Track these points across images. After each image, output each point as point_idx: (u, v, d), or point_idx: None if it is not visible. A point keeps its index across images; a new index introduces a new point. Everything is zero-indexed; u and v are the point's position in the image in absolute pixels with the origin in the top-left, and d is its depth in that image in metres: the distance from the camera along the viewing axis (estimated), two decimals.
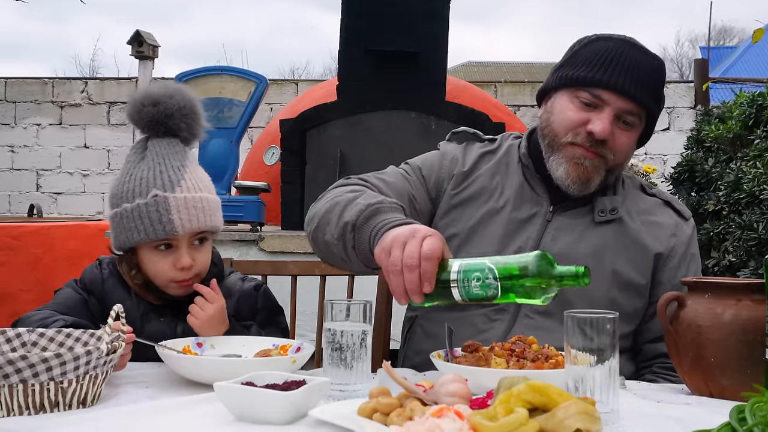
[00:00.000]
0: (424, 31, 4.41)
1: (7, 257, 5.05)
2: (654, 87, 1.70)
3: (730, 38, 27.14)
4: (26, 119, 8.54)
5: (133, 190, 1.65)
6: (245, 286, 1.81)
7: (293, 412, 1.13)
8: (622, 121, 1.69)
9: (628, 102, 1.67)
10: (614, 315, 1.17)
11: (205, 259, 1.72)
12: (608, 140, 1.67)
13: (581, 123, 1.68)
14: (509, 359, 1.37)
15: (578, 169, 1.69)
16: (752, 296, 1.34)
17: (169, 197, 1.63)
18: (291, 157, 4.48)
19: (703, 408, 1.29)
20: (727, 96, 6.52)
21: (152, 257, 1.67)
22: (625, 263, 1.72)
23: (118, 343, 1.30)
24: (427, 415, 1.00)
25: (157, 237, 1.64)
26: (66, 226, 5.23)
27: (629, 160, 1.80)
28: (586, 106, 1.68)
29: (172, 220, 1.63)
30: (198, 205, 1.66)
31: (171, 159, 1.68)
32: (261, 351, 1.53)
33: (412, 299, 1.36)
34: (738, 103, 3.73)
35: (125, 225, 1.65)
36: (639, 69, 1.67)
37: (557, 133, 1.71)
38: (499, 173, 1.81)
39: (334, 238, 1.59)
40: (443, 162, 1.84)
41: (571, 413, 0.99)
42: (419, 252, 1.34)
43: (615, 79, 1.65)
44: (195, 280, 1.70)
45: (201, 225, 1.67)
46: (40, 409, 1.19)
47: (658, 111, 1.75)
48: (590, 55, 1.70)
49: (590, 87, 1.67)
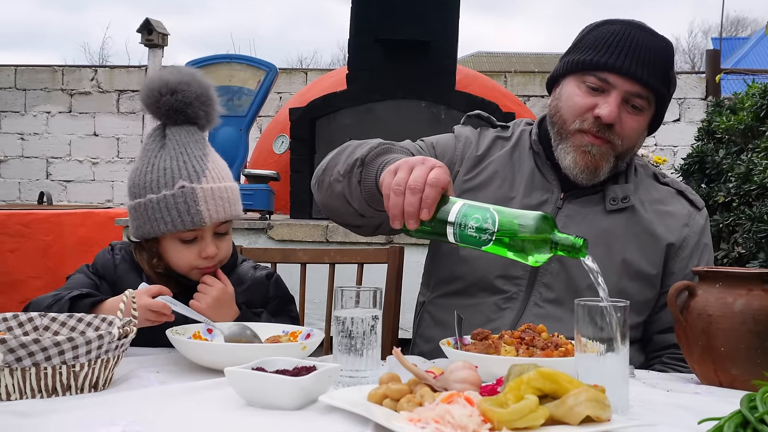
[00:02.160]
0: (434, 19, 4.39)
1: (18, 244, 5.10)
2: (662, 69, 1.67)
3: (742, 29, 26.97)
4: (36, 107, 8.56)
5: (158, 180, 1.65)
6: (257, 274, 1.82)
7: (303, 397, 1.14)
8: (631, 105, 1.67)
9: (635, 84, 1.65)
10: (625, 303, 1.17)
11: (227, 246, 1.74)
12: (615, 124, 1.66)
13: (588, 108, 1.67)
14: (519, 347, 1.37)
15: (586, 158, 1.68)
16: (763, 286, 1.34)
17: (196, 188, 1.64)
18: (300, 145, 4.48)
19: (713, 397, 1.29)
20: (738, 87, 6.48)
21: (176, 247, 1.68)
22: (635, 252, 1.72)
23: (129, 327, 1.31)
24: (438, 401, 1.01)
25: (185, 228, 1.64)
26: (76, 214, 5.27)
27: (640, 146, 1.78)
28: (593, 90, 1.67)
29: (200, 211, 1.64)
30: (224, 195, 1.68)
31: (192, 148, 1.68)
32: (271, 337, 1.53)
33: (406, 223, 1.34)
34: (750, 95, 3.71)
35: (150, 216, 1.65)
36: (646, 51, 1.65)
37: (566, 119, 1.70)
38: (512, 160, 1.81)
39: (341, 174, 1.59)
40: (457, 144, 1.84)
41: (581, 400, 1.00)
42: (425, 178, 1.33)
43: (621, 62, 1.63)
44: (217, 267, 1.71)
45: (227, 215, 1.68)
46: (53, 393, 1.20)
47: (668, 95, 1.72)
48: (596, 40, 1.68)
49: (596, 71, 1.66)
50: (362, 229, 1.79)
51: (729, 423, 0.90)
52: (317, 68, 13.19)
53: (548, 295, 1.69)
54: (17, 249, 5.13)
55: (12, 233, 5.12)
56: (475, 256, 1.72)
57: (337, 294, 1.32)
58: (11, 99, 8.57)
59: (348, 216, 1.70)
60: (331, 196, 1.66)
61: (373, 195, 1.53)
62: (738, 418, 0.90)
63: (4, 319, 1.42)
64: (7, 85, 8.57)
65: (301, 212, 4.49)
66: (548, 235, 1.25)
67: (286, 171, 4.62)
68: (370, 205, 1.57)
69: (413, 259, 2.92)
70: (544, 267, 1.69)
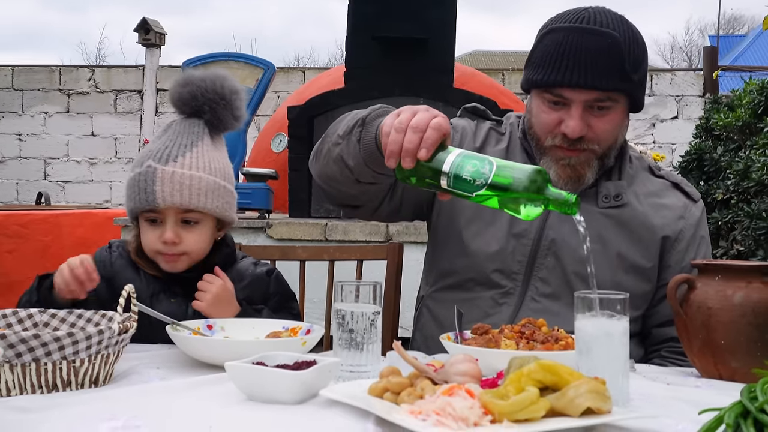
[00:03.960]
0: (432, 17, 4.40)
1: (16, 245, 5.10)
2: (615, 66, 1.62)
3: (739, 27, 26.99)
4: (33, 107, 8.55)
5: (141, 160, 1.70)
6: (257, 270, 1.82)
7: (304, 391, 1.14)
8: (597, 108, 1.65)
9: (592, 92, 1.63)
10: (624, 296, 1.17)
11: (195, 240, 1.71)
12: (585, 135, 1.65)
13: (555, 124, 1.67)
14: (519, 341, 1.37)
15: (566, 171, 1.69)
16: (763, 278, 1.34)
17: (157, 169, 1.65)
18: (298, 144, 4.48)
19: (713, 390, 1.29)
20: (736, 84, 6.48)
21: (144, 227, 1.72)
22: (630, 246, 1.72)
23: (129, 323, 1.31)
24: (438, 394, 1.01)
25: (141, 206, 1.68)
26: (74, 214, 5.27)
27: (623, 137, 1.76)
28: (555, 105, 1.67)
29: (155, 191, 1.65)
30: (186, 182, 1.66)
31: (183, 137, 1.70)
32: (271, 333, 1.54)
33: (402, 161, 1.34)
34: (747, 91, 3.71)
35: (127, 192, 1.72)
36: (592, 56, 1.61)
37: (539, 136, 1.72)
38: (507, 156, 1.80)
39: (339, 137, 1.60)
40: (454, 134, 1.83)
41: (581, 392, 1.00)
42: (428, 121, 1.33)
43: (569, 76, 1.61)
44: (184, 260, 1.71)
45: (184, 202, 1.66)
46: (53, 388, 1.20)
47: (634, 83, 1.67)
48: (544, 54, 1.66)
49: (550, 88, 1.65)
50: (360, 211, 1.79)
51: (729, 413, 0.90)
52: (315, 67, 13.18)
53: (544, 289, 1.69)
54: (15, 250, 5.13)
55: (10, 234, 5.12)
56: (473, 249, 1.72)
57: (337, 288, 1.32)
58: (8, 99, 8.56)
59: (344, 184, 1.67)
60: (328, 162, 1.65)
61: (372, 153, 1.52)
62: (738, 409, 0.90)
63: (4, 315, 1.42)
64: (5, 86, 8.56)
65: (299, 211, 4.49)
66: (542, 188, 1.25)
67: (284, 170, 4.62)
68: (368, 165, 1.56)
69: (412, 257, 2.92)
70: (540, 261, 1.69)
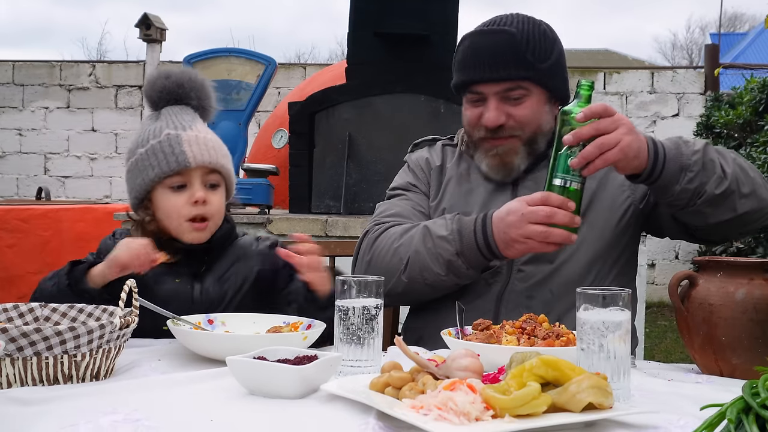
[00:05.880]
0: (434, 13, 4.39)
1: (16, 240, 5.09)
2: (513, 57, 1.74)
3: (740, 25, 26.94)
4: (34, 102, 8.55)
5: (147, 137, 1.72)
6: (260, 246, 1.82)
7: (305, 386, 1.14)
8: (512, 99, 1.76)
9: (499, 83, 1.75)
10: (626, 291, 1.17)
11: (218, 202, 1.75)
12: (505, 123, 1.76)
13: (477, 118, 1.80)
14: (520, 337, 1.37)
15: (495, 160, 1.80)
16: (764, 275, 1.34)
17: (181, 134, 1.70)
18: (299, 140, 4.48)
19: (714, 386, 1.29)
20: (736, 82, 6.48)
21: (167, 196, 1.71)
22: (602, 201, 1.78)
23: (130, 317, 1.31)
24: (440, 389, 1.01)
25: (170, 169, 1.68)
26: (74, 209, 5.26)
27: (549, 122, 1.81)
28: (476, 102, 1.80)
29: (184, 151, 1.69)
30: (209, 144, 1.73)
31: (181, 117, 1.75)
32: (272, 328, 1.53)
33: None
34: (748, 89, 3.71)
35: (140, 167, 1.71)
36: (490, 51, 1.75)
37: (469, 133, 1.85)
38: (463, 160, 1.89)
39: (442, 275, 1.68)
40: (417, 172, 1.93)
41: (583, 387, 1.00)
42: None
43: (479, 72, 1.76)
44: (210, 227, 1.72)
45: (213, 160, 1.72)
46: (54, 382, 1.20)
47: (541, 72, 1.76)
48: (458, 62, 1.82)
49: (467, 87, 1.80)
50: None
51: (731, 409, 0.90)
52: (316, 63, 13.18)
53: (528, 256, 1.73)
54: (15, 245, 5.12)
55: (10, 229, 5.11)
56: None
57: (339, 284, 1.32)
58: (9, 94, 8.55)
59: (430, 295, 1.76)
60: (435, 291, 1.72)
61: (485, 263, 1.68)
62: (740, 404, 0.90)
63: (5, 309, 1.42)
64: (5, 81, 8.56)
65: (300, 207, 4.49)
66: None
67: (284, 165, 4.62)
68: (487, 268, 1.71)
69: None
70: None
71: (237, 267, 1.75)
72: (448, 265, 1.65)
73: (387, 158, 4.29)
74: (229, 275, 1.74)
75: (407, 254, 1.69)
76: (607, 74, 8.09)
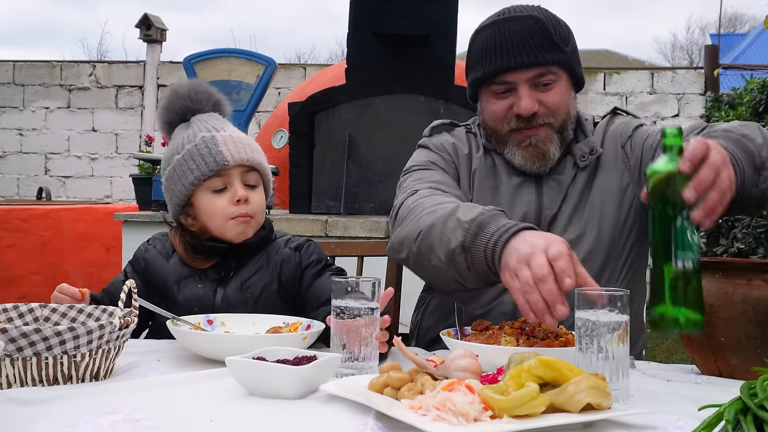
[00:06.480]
0: (433, 13, 4.39)
1: (17, 239, 5.10)
2: (545, 41, 1.71)
3: (740, 25, 26.94)
4: (34, 102, 8.55)
5: (182, 143, 1.73)
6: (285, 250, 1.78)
7: (304, 386, 1.14)
8: (542, 85, 1.72)
9: (530, 69, 1.70)
10: (624, 292, 1.17)
11: (259, 200, 1.75)
12: (537, 111, 1.71)
13: (507, 110, 1.73)
14: (519, 338, 1.38)
15: (530, 150, 1.74)
16: (763, 276, 1.34)
17: (215, 135, 1.72)
18: (299, 140, 4.48)
19: (713, 387, 1.30)
20: (736, 83, 6.49)
21: (209, 198, 1.71)
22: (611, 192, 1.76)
23: (130, 318, 1.31)
24: (438, 389, 1.01)
25: (209, 170, 1.69)
26: (74, 209, 5.27)
27: (575, 107, 1.80)
28: (503, 94, 1.74)
29: (221, 151, 1.70)
30: (245, 142, 1.75)
31: (213, 120, 1.77)
32: (271, 328, 1.54)
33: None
34: (748, 90, 3.71)
35: (179, 173, 1.72)
36: (519, 37, 1.70)
37: (495, 128, 1.77)
38: (488, 153, 1.83)
39: (443, 262, 1.49)
40: (443, 155, 1.85)
41: (581, 388, 1.00)
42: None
43: (508, 60, 1.69)
44: (253, 224, 1.73)
45: (250, 157, 1.73)
46: (54, 382, 1.21)
47: (566, 55, 1.73)
48: (478, 52, 1.75)
49: (494, 77, 1.73)
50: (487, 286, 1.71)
51: (729, 409, 0.90)
52: (316, 63, 13.18)
53: None
54: (16, 244, 5.13)
55: (11, 228, 5.12)
56: None
57: (336, 284, 1.32)
58: (9, 94, 8.56)
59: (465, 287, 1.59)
60: (441, 279, 1.58)
61: (487, 275, 1.44)
62: (738, 405, 0.91)
63: (5, 309, 1.42)
64: (6, 81, 8.56)
65: (300, 207, 4.49)
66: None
67: (285, 166, 4.62)
68: (488, 281, 1.48)
69: None
70: None
71: (260, 275, 1.73)
72: (450, 255, 1.46)
73: (387, 158, 4.30)
74: (251, 283, 1.72)
75: (426, 224, 1.54)
76: (607, 75, 8.10)
